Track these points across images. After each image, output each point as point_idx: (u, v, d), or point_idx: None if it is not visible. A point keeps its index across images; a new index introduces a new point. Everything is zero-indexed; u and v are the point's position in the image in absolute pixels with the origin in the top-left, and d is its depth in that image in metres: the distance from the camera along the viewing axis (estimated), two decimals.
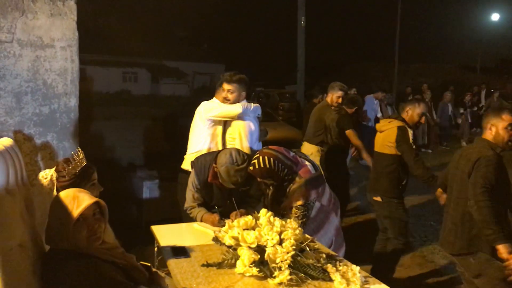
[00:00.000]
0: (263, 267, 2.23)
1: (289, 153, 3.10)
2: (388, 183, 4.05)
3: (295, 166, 3.04)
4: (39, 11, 3.58)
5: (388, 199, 4.04)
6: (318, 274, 2.20)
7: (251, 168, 3.01)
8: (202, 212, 3.19)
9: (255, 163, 2.99)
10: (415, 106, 4.10)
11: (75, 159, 2.60)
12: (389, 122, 4.11)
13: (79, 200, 1.97)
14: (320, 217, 3.12)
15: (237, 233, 2.34)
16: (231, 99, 3.82)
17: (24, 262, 1.84)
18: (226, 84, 3.82)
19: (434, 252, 4.98)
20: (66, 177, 2.56)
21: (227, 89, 3.81)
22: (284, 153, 3.07)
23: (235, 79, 3.82)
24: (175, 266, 2.39)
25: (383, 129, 4.13)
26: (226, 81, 3.83)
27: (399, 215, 4.04)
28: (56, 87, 3.71)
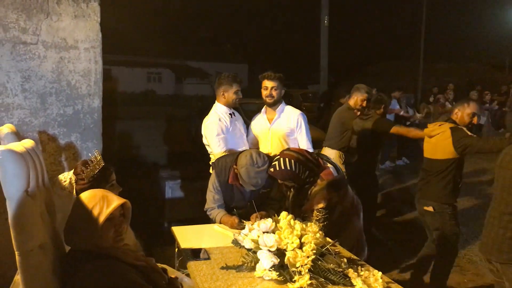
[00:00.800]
0: (283, 271, 2.20)
1: (311, 155, 3.06)
2: (442, 188, 3.82)
3: (316, 168, 3.00)
4: (63, 13, 3.62)
5: (441, 206, 3.82)
6: (339, 279, 2.15)
7: (271, 169, 2.98)
8: (221, 214, 3.18)
9: (275, 164, 2.95)
10: (464, 107, 3.86)
11: (93, 161, 2.63)
12: (440, 126, 3.88)
13: (108, 200, 1.98)
14: (342, 220, 3.07)
15: (257, 236, 2.32)
16: (275, 95, 3.88)
17: (45, 263, 1.85)
18: (268, 81, 3.87)
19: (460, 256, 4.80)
20: (84, 180, 2.58)
21: (270, 86, 3.86)
22: (306, 155, 3.03)
23: (277, 76, 3.88)
24: (195, 268, 2.38)
25: (434, 134, 3.90)
26: (269, 78, 3.87)
27: (451, 228, 3.82)
28: (80, 88, 3.75)
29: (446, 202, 3.82)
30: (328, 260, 2.26)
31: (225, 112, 3.88)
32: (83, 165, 2.63)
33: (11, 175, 1.76)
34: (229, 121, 3.85)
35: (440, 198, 3.83)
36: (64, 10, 3.63)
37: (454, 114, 3.89)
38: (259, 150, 3.17)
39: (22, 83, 3.51)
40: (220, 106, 3.90)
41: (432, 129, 3.93)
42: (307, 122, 4.00)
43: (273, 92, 3.86)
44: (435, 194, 3.84)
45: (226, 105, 3.89)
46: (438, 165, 3.84)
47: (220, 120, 3.79)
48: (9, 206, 1.75)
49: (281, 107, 3.96)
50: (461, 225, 3.97)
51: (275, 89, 3.87)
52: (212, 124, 3.77)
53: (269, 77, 3.87)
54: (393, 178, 8.52)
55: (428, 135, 3.97)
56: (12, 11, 3.43)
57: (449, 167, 3.78)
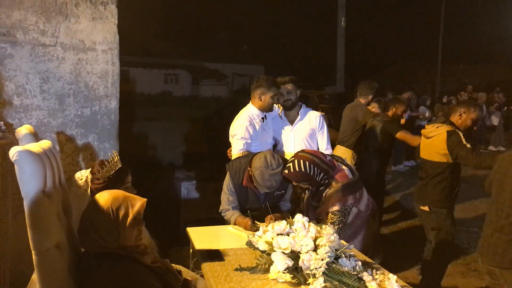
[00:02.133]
0: (297, 273, 2.19)
1: (326, 157, 3.04)
2: (438, 193, 3.79)
3: (331, 170, 2.98)
4: (81, 15, 3.67)
5: (437, 209, 3.81)
6: (354, 283, 2.13)
7: (286, 171, 2.97)
8: (235, 215, 3.18)
9: (290, 166, 2.94)
10: (470, 110, 3.77)
11: (110, 161, 2.65)
12: (437, 128, 3.82)
13: (131, 200, 2.00)
14: (357, 223, 3.05)
15: (271, 238, 2.31)
16: (293, 98, 3.87)
17: (61, 263, 1.87)
18: (282, 87, 3.84)
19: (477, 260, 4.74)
20: (100, 180, 2.61)
21: (286, 91, 3.85)
22: (321, 156, 3.01)
23: (289, 79, 3.88)
24: (209, 269, 2.38)
25: (430, 135, 3.86)
26: (282, 83, 3.86)
27: (447, 228, 3.80)
28: (97, 89, 3.80)
29: (442, 206, 3.80)
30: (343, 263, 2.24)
31: (257, 116, 3.76)
32: (100, 165, 2.65)
33: (28, 175, 1.79)
34: (260, 125, 3.75)
35: (436, 202, 3.81)
36: (82, 12, 3.68)
37: (457, 115, 3.81)
38: (273, 152, 3.16)
39: (41, 85, 3.57)
40: (253, 109, 3.77)
41: (429, 131, 3.88)
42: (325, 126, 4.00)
43: (290, 96, 3.85)
44: (432, 197, 3.82)
45: (260, 109, 3.76)
46: (433, 167, 3.81)
47: (250, 124, 3.68)
48: (26, 205, 1.78)
49: (303, 110, 3.95)
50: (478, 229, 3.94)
51: (290, 92, 3.84)
52: (241, 126, 3.67)
53: (284, 82, 3.85)
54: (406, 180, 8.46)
55: (425, 136, 3.93)
56: (32, 13, 3.49)
57: (445, 171, 3.75)
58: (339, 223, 2.91)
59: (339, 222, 2.91)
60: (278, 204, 3.33)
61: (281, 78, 3.89)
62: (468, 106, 3.84)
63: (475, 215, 6.12)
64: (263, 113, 3.77)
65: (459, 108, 3.86)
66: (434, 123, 3.97)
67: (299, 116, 3.90)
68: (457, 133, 3.66)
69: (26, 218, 1.78)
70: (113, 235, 1.93)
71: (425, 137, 3.94)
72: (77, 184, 2.67)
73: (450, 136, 3.66)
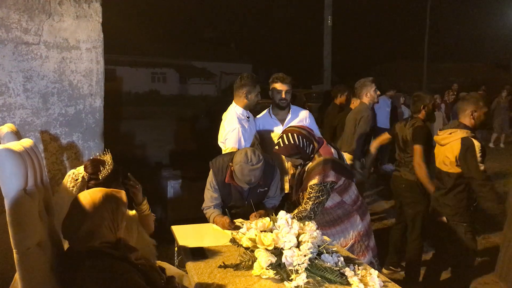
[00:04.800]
0: (280, 269, 2.21)
1: (313, 132, 3.08)
2: (456, 205, 3.51)
3: (318, 144, 3.01)
4: (65, 14, 3.64)
5: (455, 223, 3.54)
6: (336, 278, 2.16)
7: (276, 147, 3.00)
8: (214, 214, 3.19)
9: (279, 142, 2.98)
10: (479, 105, 3.47)
11: (107, 162, 2.65)
12: (450, 134, 3.50)
13: (116, 193, 2.03)
14: (338, 212, 3.07)
15: (254, 235, 2.33)
16: (289, 99, 3.85)
17: (42, 261, 1.87)
18: (282, 85, 3.82)
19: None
20: (100, 180, 2.59)
21: (285, 90, 3.81)
22: (307, 129, 3.06)
23: (289, 79, 3.85)
24: (192, 267, 2.39)
25: (444, 143, 3.55)
26: (283, 81, 3.82)
27: (468, 243, 3.51)
28: (82, 88, 3.78)
29: (461, 221, 3.54)
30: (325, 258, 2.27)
31: (244, 115, 3.73)
32: (102, 164, 2.64)
33: (9, 174, 1.78)
34: (247, 125, 3.73)
35: (453, 217, 3.56)
36: (66, 10, 3.65)
37: (468, 116, 3.49)
38: (255, 149, 3.17)
39: (24, 83, 3.54)
40: (239, 109, 3.73)
41: (443, 137, 3.59)
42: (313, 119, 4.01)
43: (287, 95, 3.83)
44: (449, 211, 3.57)
45: (246, 107, 3.74)
46: (448, 178, 3.55)
47: (242, 126, 3.64)
48: (7, 204, 1.77)
49: (292, 108, 3.95)
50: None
51: (288, 92, 3.83)
52: (233, 131, 3.61)
53: (283, 81, 3.81)
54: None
55: (439, 143, 3.65)
56: (14, 11, 3.45)
57: (462, 183, 3.47)
58: (315, 199, 2.89)
59: (315, 198, 2.89)
60: (262, 201, 3.34)
61: (283, 76, 3.83)
62: (476, 102, 3.51)
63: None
64: (247, 112, 3.77)
65: (467, 108, 3.52)
66: (447, 128, 3.65)
67: (290, 115, 3.90)
68: (472, 143, 3.33)
69: (7, 216, 1.77)
70: (114, 229, 1.95)
71: (439, 144, 3.64)
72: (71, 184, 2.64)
73: (464, 147, 3.35)
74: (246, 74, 3.80)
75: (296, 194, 3.12)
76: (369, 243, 3.17)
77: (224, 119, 3.77)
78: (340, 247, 2.85)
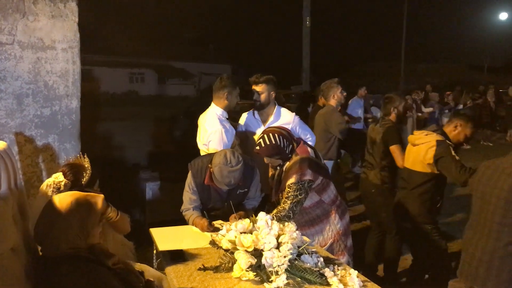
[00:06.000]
0: (260, 271, 2.20)
1: (293, 134, 3.10)
2: (419, 205, 3.55)
3: (296, 144, 3.03)
4: (40, 13, 3.58)
5: (420, 224, 3.58)
6: (315, 279, 2.17)
7: (257, 148, 3.01)
8: (194, 216, 3.16)
9: (260, 142, 2.98)
10: (467, 124, 3.48)
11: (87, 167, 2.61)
12: (426, 135, 3.52)
13: (92, 197, 1.99)
14: (317, 212, 3.08)
15: (234, 237, 2.32)
16: (262, 99, 3.82)
17: (16, 267, 1.82)
18: (254, 86, 3.81)
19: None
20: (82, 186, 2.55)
21: (257, 91, 3.81)
22: (288, 130, 3.09)
23: (262, 79, 3.79)
24: (172, 270, 2.37)
25: (418, 143, 3.55)
26: (253, 83, 3.82)
27: (436, 244, 3.54)
28: (58, 89, 3.71)
29: (423, 222, 3.59)
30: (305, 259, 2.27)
31: (224, 117, 3.71)
32: (81, 170, 2.59)
33: None
34: (228, 126, 3.69)
35: (416, 217, 3.60)
36: (41, 10, 3.58)
37: (452, 126, 3.54)
38: (234, 150, 3.16)
39: None
40: (218, 110, 3.69)
41: (417, 137, 3.60)
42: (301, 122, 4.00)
43: (260, 96, 3.81)
44: (413, 211, 3.60)
45: (225, 108, 3.71)
46: (416, 177, 3.56)
47: (223, 127, 3.61)
48: None
49: (277, 110, 3.91)
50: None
51: (261, 93, 3.81)
52: (219, 133, 3.58)
53: (254, 82, 3.81)
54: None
55: (412, 143, 3.66)
56: None
57: (427, 183, 3.52)
58: (293, 198, 2.89)
59: (293, 197, 2.89)
60: (242, 203, 3.33)
61: (255, 78, 3.83)
62: (466, 119, 3.55)
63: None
64: (226, 113, 3.75)
65: (456, 119, 3.56)
66: (423, 130, 3.68)
67: (273, 116, 3.89)
68: (447, 144, 3.39)
69: None
70: (83, 236, 1.90)
71: (412, 144, 3.66)
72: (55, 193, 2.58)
73: (439, 146, 3.38)
74: (226, 75, 3.80)
75: (275, 195, 3.12)
76: (347, 243, 3.19)
77: (204, 121, 3.73)
78: (319, 247, 2.86)
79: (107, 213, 2.58)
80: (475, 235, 2.66)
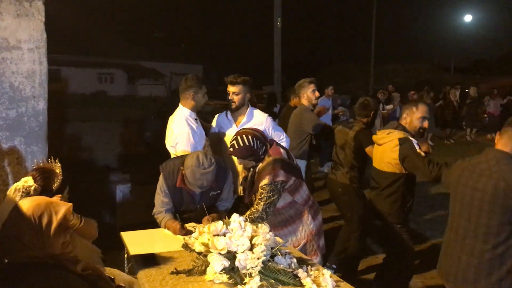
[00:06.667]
0: (234, 273, 2.19)
1: (266, 135, 3.10)
2: (389, 206, 3.56)
3: (269, 145, 3.03)
4: (4, 12, 3.48)
5: (390, 224, 3.57)
6: (289, 280, 2.17)
7: (231, 149, 2.99)
8: (166, 219, 3.12)
9: (234, 144, 2.97)
10: (412, 111, 3.52)
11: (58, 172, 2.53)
12: (388, 134, 3.54)
13: (55, 205, 1.92)
14: (290, 212, 3.09)
15: (207, 240, 2.30)
16: (237, 100, 3.79)
17: None
18: (230, 87, 3.77)
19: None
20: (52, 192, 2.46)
21: (232, 91, 3.77)
22: (261, 132, 3.09)
23: (239, 80, 3.76)
24: (143, 274, 2.33)
25: (381, 142, 3.58)
26: (230, 83, 3.78)
27: (405, 243, 3.57)
28: (24, 90, 3.62)
29: (393, 221, 3.59)
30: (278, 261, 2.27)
31: (192, 117, 3.66)
32: (51, 175, 2.50)
33: None
34: (196, 127, 3.65)
35: (386, 217, 3.60)
36: (5, 9, 3.48)
37: (403, 119, 3.57)
38: (206, 152, 3.13)
39: None
40: (186, 111, 3.65)
41: (381, 137, 3.62)
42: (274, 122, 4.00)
43: (235, 97, 3.78)
44: (383, 211, 3.61)
45: (193, 109, 3.66)
46: (384, 177, 3.59)
47: (191, 128, 3.56)
48: None
49: (249, 111, 3.89)
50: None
51: (237, 94, 3.77)
52: (186, 134, 3.54)
53: (231, 82, 3.77)
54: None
55: (377, 143, 3.69)
56: None
57: (396, 183, 3.52)
58: (266, 199, 2.89)
59: (266, 199, 2.89)
60: (215, 204, 3.31)
61: (231, 78, 3.79)
62: (410, 106, 3.60)
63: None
64: (195, 114, 3.73)
65: (403, 112, 3.63)
66: (385, 129, 3.70)
67: (246, 117, 3.87)
68: (410, 141, 3.39)
69: None
70: (39, 244, 1.84)
71: (377, 144, 3.68)
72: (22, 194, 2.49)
73: (401, 144, 3.38)
74: (190, 75, 3.76)
75: (248, 197, 3.11)
76: (319, 243, 3.21)
77: (172, 122, 3.69)
78: (292, 248, 2.87)
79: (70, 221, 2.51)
80: (458, 238, 2.64)
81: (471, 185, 2.56)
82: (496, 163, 2.49)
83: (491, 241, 2.49)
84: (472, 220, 2.56)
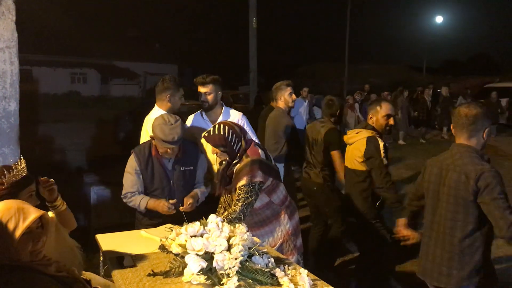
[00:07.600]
0: (211, 274, 2.19)
1: (246, 133, 3.13)
2: (362, 202, 3.67)
3: (246, 144, 3.03)
4: None
5: (365, 220, 3.68)
6: (267, 279, 2.18)
7: (206, 134, 3.03)
8: (146, 199, 3.13)
9: (210, 130, 3.01)
10: (377, 110, 3.67)
11: (16, 167, 2.47)
12: (357, 133, 3.69)
13: (25, 212, 1.86)
14: (266, 213, 3.10)
15: (184, 241, 2.29)
16: (210, 100, 3.77)
17: None
18: (201, 87, 3.76)
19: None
20: (4, 185, 2.42)
21: (204, 92, 3.75)
22: (241, 128, 3.10)
23: (209, 80, 3.75)
24: (120, 276, 2.31)
25: (351, 141, 3.72)
26: (200, 84, 3.76)
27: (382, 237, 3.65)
28: None
29: (367, 217, 3.70)
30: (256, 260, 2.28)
31: None
32: (6, 169, 2.46)
33: None
34: None
35: (361, 213, 3.70)
36: None
37: (370, 119, 3.71)
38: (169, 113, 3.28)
39: None
40: (162, 112, 3.57)
41: (350, 137, 3.76)
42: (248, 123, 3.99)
43: (208, 97, 3.77)
44: (355, 208, 3.71)
45: (168, 111, 3.60)
46: (355, 176, 3.70)
47: None
48: None
49: (224, 110, 3.89)
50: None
51: (209, 93, 3.76)
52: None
53: (201, 83, 3.76)
54: None
55: (347, 143, 3.82)
56: None
57: (367, 180, 3.65)
58: (244, 200, 2.91)
59: (244, 199, 2.91)
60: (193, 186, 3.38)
61: (200, 79, 3.77)
62: (374, 106, 3.74)
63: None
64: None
65: (368, 112, 3.76)
66: (354, 129, 3.87)
67: (222, 116, 3.86)
68: (376, 141, 3.54)
69: None
70: (3, 250, 1.79)
71: (347, 143, 3.80)
72: None
73: (368, 143, 3.55)
74: (168, 76, 3.74)
75: (219, 190, 3.15)
76: (296, 243, 3.23)
77: (147, 123, 3.67)
78: (269, 247, 2.88)
79: (57, 200, 2.57)
80: (432, 234, 2.72)
81: (438, 181, 2.66)
82: (459, 157, 2.58)
83: (458, 234, 2.57)
84: (441, 214, 2.65)
